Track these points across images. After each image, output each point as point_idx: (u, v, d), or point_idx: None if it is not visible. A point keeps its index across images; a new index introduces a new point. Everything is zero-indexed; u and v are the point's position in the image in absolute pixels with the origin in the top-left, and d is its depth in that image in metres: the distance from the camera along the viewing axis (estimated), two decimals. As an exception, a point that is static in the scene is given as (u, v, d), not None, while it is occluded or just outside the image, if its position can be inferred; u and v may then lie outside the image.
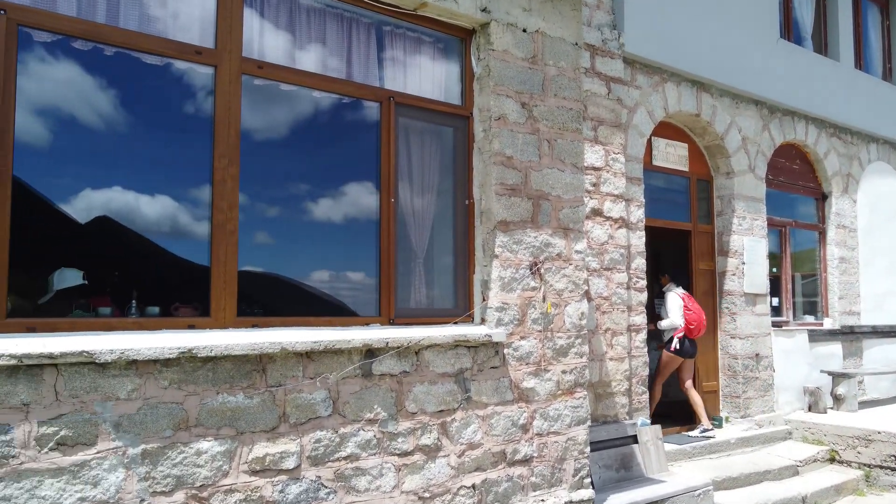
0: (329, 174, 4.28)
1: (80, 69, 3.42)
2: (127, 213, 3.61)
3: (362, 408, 3.85)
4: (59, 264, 3.62)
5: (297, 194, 4.16)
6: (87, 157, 3.52)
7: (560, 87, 4.98)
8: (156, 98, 3.66)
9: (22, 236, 3.15)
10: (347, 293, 4.27)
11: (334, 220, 4.26)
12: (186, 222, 3.74)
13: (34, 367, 2.90)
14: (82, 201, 3.50)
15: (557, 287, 4.81)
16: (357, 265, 4.29)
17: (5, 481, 2.81)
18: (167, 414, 3.22)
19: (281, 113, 4.08)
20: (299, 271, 4.13)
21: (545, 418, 4.68)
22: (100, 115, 3.52)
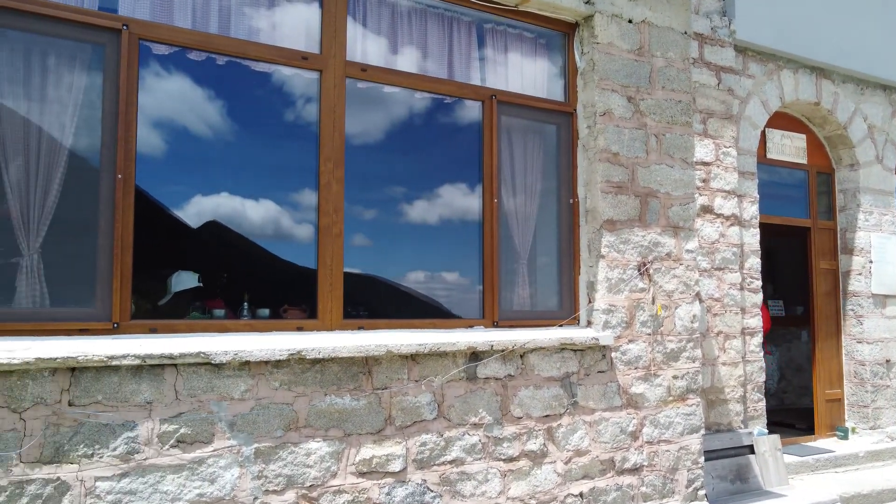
0: (430, 175, 4.26)
1: (193, 79, 3.54)
2: (235, 217, 3.72)
3: (467, 411, 3.80)
4: (175, 268, 3.78)
5: (399, 196, 4.16)
6: (197, 163, 3.65)
7: (668, 79, 4.75)
8: (263, 104, 3.75)
9: (142, 241, 3.28)
10: (450, 295, 4.23)
11: (436, 221, 4.23)
12: (291, 226, 3.81)
13: (156, 367, 3.02)
14: (194, 207, 3.62)
15: (667, 288, 4.59)
16: (459, 266, 4.24)
17: (131, 476, 2.93)
18: (278, 414, 3.28)
19: (383, 115, 4.09)
20: (401, 273, 4.13)
21: (655, 425, 4.47)
22: (210, 122, 3.64)
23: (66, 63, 3.16)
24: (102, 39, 3.19)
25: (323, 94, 3.72)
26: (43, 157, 3.09)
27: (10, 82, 3.04)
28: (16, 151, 3.04)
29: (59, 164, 3.12)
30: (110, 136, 3.19)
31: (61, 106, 3.14)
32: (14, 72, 3.06)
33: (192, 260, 3.83)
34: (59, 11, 3.11)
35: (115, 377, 2.93)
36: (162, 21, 3.38)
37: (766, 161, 6.88)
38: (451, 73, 4.26)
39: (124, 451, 2.93)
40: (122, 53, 3.21)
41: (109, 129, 3.19)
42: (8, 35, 3.04)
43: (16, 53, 3.06)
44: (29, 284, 3.03)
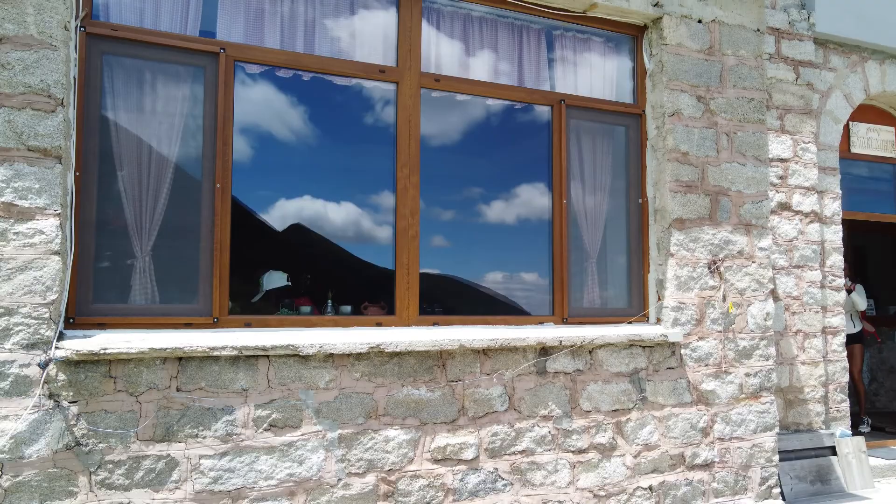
0: (501, 177, 4.44)
1: (281, 93, 3.86)
2: (317, 220, 4.02)
3: (537, 404, 3.97)
4: (266, 268, 4.12)
5: (471, 198, 4.36)
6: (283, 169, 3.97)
7: (740, 77, 4.75)
8: (344, 114, 4.03)
9: (237, 244, 3.62)
10: (520, 293, 4.41)
11: (507, 222, 4.41)
12: (371, 227, 4.08)
13: (251, 357, 3.34)
14: (279, 210, 3.94)
15: (739, 286, 4.61)
16: (530, 266, 4.41)
17: (230, 455, 3.26)
18: (359, 403, 3.55)
19: (457, 121, 4.31)
20: (473, 272, 4.34)
21: (727, 422, 4.50)
22: (296, 132, 3.95)
23: (171, 85, 3.53)
24: (203, 62, 3.55)
25: (399, 104, 3.97)
26: (153, 169, 3.47)
27: (125, 105, 3.44)
28: (130, 166, 3.43)
29: (167, 176, 3.49)
30: (210, 150, 3.54)
31: (168, 124, 3.51)
32: (128, 95, 3.45)
33: (281, 261, 4.16)
34: (165, 39, 3.48)
35: (216, 366, 3.27)
36: (254, 42, 3.71)
37: (850, 156, 6.69)
38: (522, 79, 4.43)
39: (224, 433, 3.26)
40: (220, 74, 3.55)
41: (209, 143, 3.54)
42: (123, 63, 3.43)
43: (130, 79, 3.45)
44: (141, 283, 3.41)
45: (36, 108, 3.03)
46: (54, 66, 3.07)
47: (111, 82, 3.41)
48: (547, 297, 4.36)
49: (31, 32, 3.04)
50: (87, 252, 3.27)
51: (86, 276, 3.26)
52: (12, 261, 2.95)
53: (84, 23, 3.31)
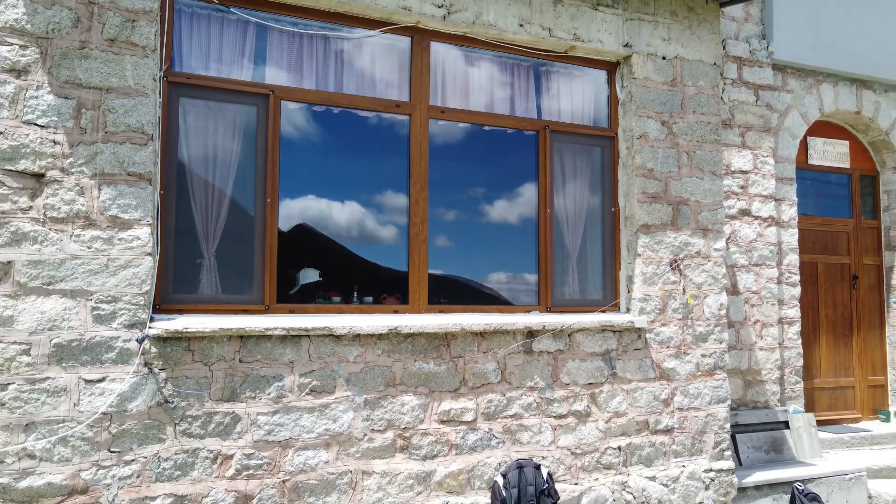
0: (495, 188, 5.32)
1: (317, 125, 4.75)
2: (339, 230, 4.89)
3: (524, 377, 4.85)
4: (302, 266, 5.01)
5: (471, 204, 5.24)
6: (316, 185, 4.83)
7: (699, 105, 5.63)
8: (366, 139, 4.91)
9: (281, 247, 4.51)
10: (513, 287, 5.29)
11: (501, 226, 5.30)
12: (390, 235, 4.96)
13: (295, 336, 4.24)
14: (316, 221, 4.80)
15: (697, 281, 5.49)
16: (520, 263, 5.29)
17: (280, 413, 4.16)
18: (381, 375, 4.44)
19: (457, 144, 5.19)
20: (472, 269, 5.22)
21: (685, 395, 5.38)
22: (329, 154, 4.84)
23: (231, 119, 4.43)
24: (256, 102, 4.45)
25: (412, 132, 4.87)
26: (216, 187, 4.36)
27: (195, 137, 4.33)
28: (199, 185, 4.33)
29: (227, 192, 4.39)
30: (262, 171, 4.44)
31: (229, 150, 4.41)
32: (198, 129, 4.35)
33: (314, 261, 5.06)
34: (227, 84, 4.38)
35: (269, 343, 4.17)
36: (294, 84, 4.60)
37: (807, 167, 7.57)
38: (513, 108, 5.32)
39: (275, 396, 4.16)
40: (269, 111, 4.45)
41: (261, 166, 4.44)
42: (195, 104, 4.33)
43: (199, 116, 4.35)
44: (208, 278, 4.31)
45: (133, 143, 3.93)
46: (146, 109, 3.97)
47: (185, 119, 4.31)
48: (534, 290, 5.25)
49: (130, 83, 3.94)
50: (168, 254, 4.17)
51: (167, 272, 4.16)
52: (117, 260, 3.85)
53: (166, 73, 4.21)
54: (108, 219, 3.86)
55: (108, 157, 3.88)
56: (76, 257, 3.78)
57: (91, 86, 3.87)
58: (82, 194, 3.81)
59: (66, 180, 3.79)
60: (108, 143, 3.88)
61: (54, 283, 3.73)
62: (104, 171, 3.86)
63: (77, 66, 3.84)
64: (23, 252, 3.68)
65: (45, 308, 3.70)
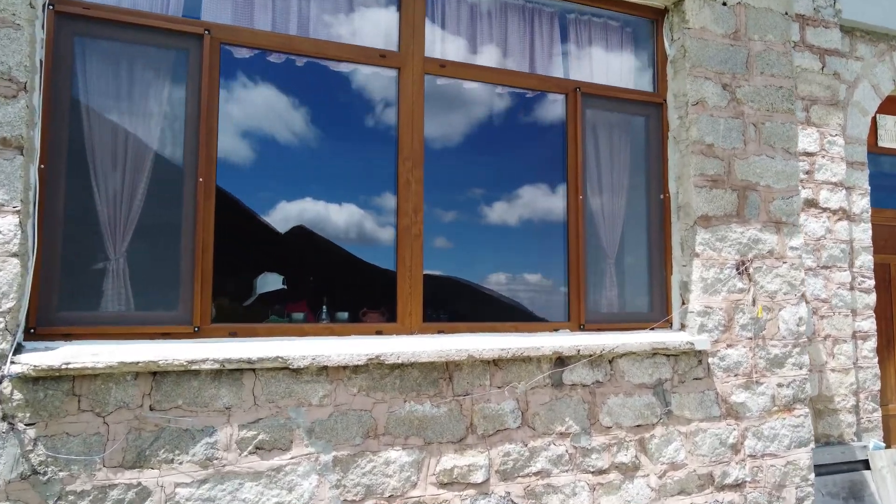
0: (512, 174, 4.10)
1: (272, 80, 3.52)
2: (318, 221, 3.68)
3: (553, 420, 3.61)
4: (258, 271, 3.77)
5: (480, 197, 4.02)
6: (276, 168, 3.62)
7: (767, 64, 4.40)
8: (340, 103, 3.69)
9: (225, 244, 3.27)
10: (533, 297, 4.06)
11: (518, 221, 4.06)
12: (373, 228, 3.73)
13: (235, 371, 2.99)
14: (276, 211, 3.60)
15: (769, 289, 4.25)
16: (543, 268, 4.06)
17: (210, 482, 2.91)
18: (357, 421, 3.20)
19: (463, 112, 3.96)
20: (483, 276, 3.99)
21: (759, 438, 4.14)
22: (289, 123, 3.61)
23: (150, 70, 3.19)
24: (185, 45, 3.21)
25: (401, 91, 3.62)
26: (129, 162, 3.13)
27: (98, 91, 3.09)
28: (104, 158, 3.08)
29: (144, 169, 3.15)
30: (192, 141, 3.20)
31: (146, 112, 3.17)
32: (102, 81, 3.10)
33: (274, 263, 3.82)
34: (144, 19, 3.14)
35: (195, 382, 2.93)
36: (243, 24, 3.37)
37: (876, 150, 6.33)
38: (533, 66, 4.09)
39: (203, 457, 2.91)
40: (204, 58, 3.21)
41: (191, 133, 3.20)
42: (97, 46, 3.09)
43: (104, 63, 3.11)
44: (115, 288, 3.06)
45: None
46: (16, 47, 2.73)
47: (83, 66, 3.07)
48: (562, 301, 4.01)
49: (-14, 7, 2.70)
50: (52, 254, 2.93)
51: (50, 280, 2.92)
52: (-37, 264, 2.61)
53: (53, 1, 2.97)
54: (-50, 203, 2.62)
55: (-49, 113, 2.64)
56: None
57: (-74, 8, 2.63)
58: None
59: None
60: (-49, 92, 2.64)
61: None
62: (-56, 134, 2.63)
63: None
64: None
65: None
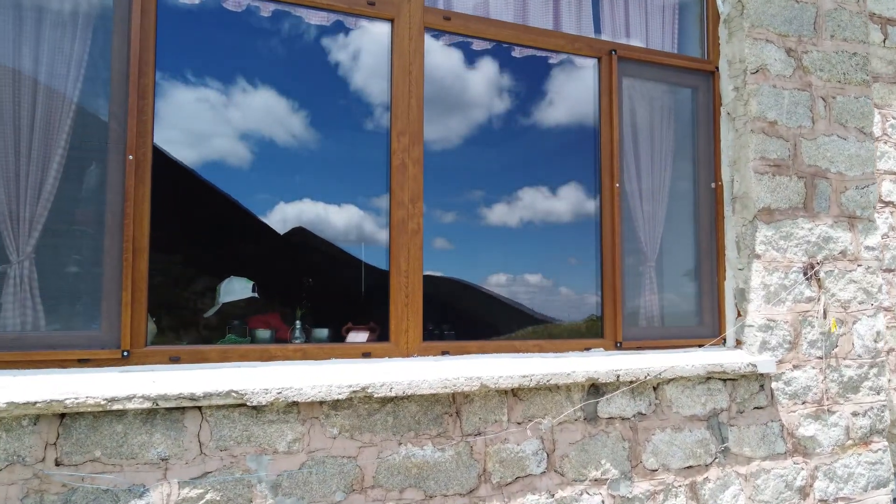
0: (530, 159, 3.36)
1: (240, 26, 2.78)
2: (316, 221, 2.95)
3: (586, 463, 2.87)
4: (210, 276, 3.04)
5: (479, 197, 3.28)
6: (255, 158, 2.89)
7: (839, 26, 3.65)
8: (321, 63, 2.95)
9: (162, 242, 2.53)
10: (559, 308, 3.32)
11: (531, 220, 3.32)
12: (358, 223, 3.00)
13: (173, 410, 2.25)
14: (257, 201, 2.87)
15: (842, 297, 3.50)
16: (571, 273, 3.32)
17: (140, 559, 2.18)
18: (337, 472, 2.46)
19: (472, 80, 3.22)
20: (494, 280, 3.25)
21: (831, 479, 3.40)
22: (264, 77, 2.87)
23: (66, 8, 2.44)
24: (109, -21, 2.46)
25: (395, 49, 2.87)
26: (36, 133, 2.38)
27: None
28: (3, 129, 2.34)
29: (57, 145, 2.40)
30: (120, 107, 2.45)
31: (60, 65, 2.42)
32: (3, 20, 2.36)
33: (233, 265, 3.08)
34: (53, -55, 2.40)
35: (119, 426, 2.18)
36: (189, -41, 2.62)
37: (938, 136, 5.57)
38: (558, 23, 3.33)
39: (131, 526, 2.17)
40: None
41: (118, 97, 2.45)
42: (-13, -24, 2.35)
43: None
44: (17, 301, 2.32)
45: None
46: None
47: (-27, 7, 2.33)
48: (594, 313, 3.27)
49: None
50: (-75, 255, 2.19)
51: (-78, 290, 2.18)
52: None
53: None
54: None
55: None
56: None
57: None
58: None
59: None
60: None
61: None
62: None
63: None
64: None
65: None
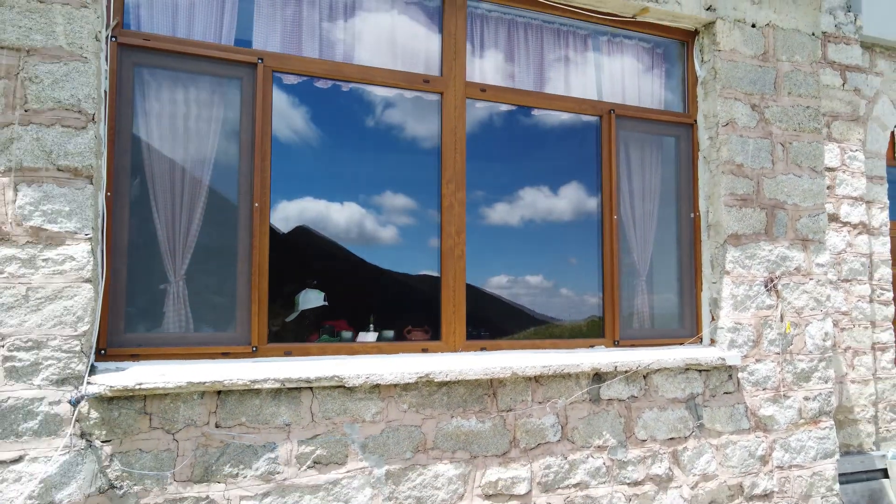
0: (542, 188, 4.21)
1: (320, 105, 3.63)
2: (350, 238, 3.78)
3: (591, 434, 3.73)
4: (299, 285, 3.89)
5: (509, 209, 4.13)
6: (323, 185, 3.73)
7: (795, 84, 4.51)
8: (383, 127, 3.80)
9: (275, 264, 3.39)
10: (568, 312, 4.17)
11: (554, 241, 4.17)
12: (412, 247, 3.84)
13: (293, 390, 3.12)
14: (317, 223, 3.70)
15: (796, 304, 4.36)
16: (578, 285, 4.17)
17: (272, 496, 3.04)
18: (407, 437, 3.32)
19: (500, 134, 4.08)
20: (519, 293, 4.10)
21: (786, 450, 4.25)
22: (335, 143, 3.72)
23: (205, 98, 3.31)
24: (239, 73, 3.33)
25: (444, 115, 3.74)
26: (186, 187, 3.25)
27: (157, 119, 3.22)
28: (163, 184, 3.21)
29: (201, 194, 3.27)
30: (247, 166, 3.32)
31: (202, 139, 3.29)
32: (160, 109, 3.22)
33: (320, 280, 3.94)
34: (200, 49, 3.26)
35: (257, 400, 3.05)
36: (291, 52, 3.49)
37: (894, 163, 6.43)
38: (568, 88, 4.20)
39: (266, 472, 3.04)
40: (258, 86, 3.33)
41: (246, 159, 3.32)
42: (156, 75, 3.21)
43: (162, 92, 3.23)
44: (175, 310, 3.19)
45: (66, 125, 2.81)
46: (85, 80, 2.85)
47: (143, 96, 3.19)
48: (597, 317, 4.13)
49: (61, 44, 2.82)
50: (118, 278, 3.05)
51: (117, 303, 3.04)
52: (41, 290, 2.73)
53: (115, 33, 3.09)
54: (29, 231, 2.74)
55: (30, 145, 2.76)
56: (-19, 287, 2.66)
57: (5, 45, 2.75)
58: (-9, 197, 2.70)
59: (-33, 177, 2.67)
60: (29, 125, 2.76)
61: (-51, 324, 2.61)
62: (23, 165, 2.74)
63: (-16, 16, 2.73)
64: None
65: (-65, 360, 2.58)
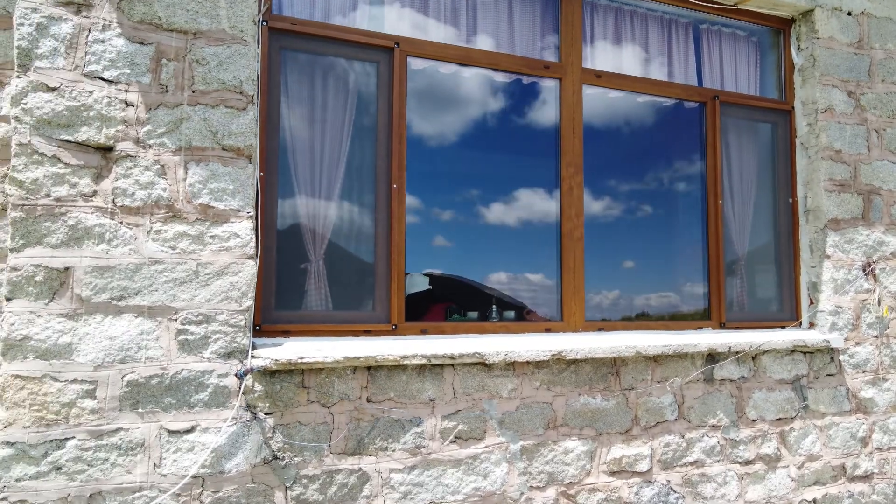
0: (648, 173, 4.27)
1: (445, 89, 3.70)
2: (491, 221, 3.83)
3: (706, 413, 3.80)
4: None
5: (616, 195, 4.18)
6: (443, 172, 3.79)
7: (888, 72, 4.56)
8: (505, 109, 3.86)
9: (406, 247, 3.45)
10: (675, 295, 4.23)
11: (658, 225, 4.24)
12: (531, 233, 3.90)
13: (437, 366, 3.19)
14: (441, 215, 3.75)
15: (893, 289, 4.42)
16: (683, 269, 4.24)
17: (419, 469, 3.11)
18: (539, 413, 3.39)
19: (609, 119, 4.14)
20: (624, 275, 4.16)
21: (885, 432, 4.32)
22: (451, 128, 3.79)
23: (343, 81, 3.38)
24: (376, 58, 3.40)
25: (563, 101, 3.81)
26: (327, 169, 3.32)
27: (299, 102, 3.29)
28: (305, 165, 3.28)
29: (339, 175, 3.34)
30: (384, 149, 3.39)
31: (341, 121, 3.36)
32: (302, 92, 3.30)
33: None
34: (340, 33, 3.33)
35: (403, 376, 3.12)
36: (419, 37, 3.56)
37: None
38: (671, 74, 4.26)
39: (413, 446, 3.11)
40: (395, 70, 3.40)
41: (384, 141, 3.39)
42: (298, 59, 3.29)
43: (304, 75, 3.31)
44: (316, 289, 3.26)
45: (229, 106, 2.88)
46: (246, 62, 2.93)
47: (286, 79, 3.27)
48: (701, 300, 4.19)
49: (224, 27, 2.90)
50: (270, 256, 3.13)
51: (269, 281, 3.12)
52: (209, 265, 2.81)
53: (266, 17, 3.17)
54: (198, 209, 2.81)
55: (198, 125, 2.83)
56: (156, 261, 2.74)
57: (174, 28, 2.83)
58: (163, 175, 2.77)
59: (143, 156, 2.75)
60: (196, 105, 2.84)
61: (127, 298, 2.68)
62: (192, 144, 2.82)
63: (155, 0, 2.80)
64: (85, 254, 2.64)
65: (115, 332, 2.66)
